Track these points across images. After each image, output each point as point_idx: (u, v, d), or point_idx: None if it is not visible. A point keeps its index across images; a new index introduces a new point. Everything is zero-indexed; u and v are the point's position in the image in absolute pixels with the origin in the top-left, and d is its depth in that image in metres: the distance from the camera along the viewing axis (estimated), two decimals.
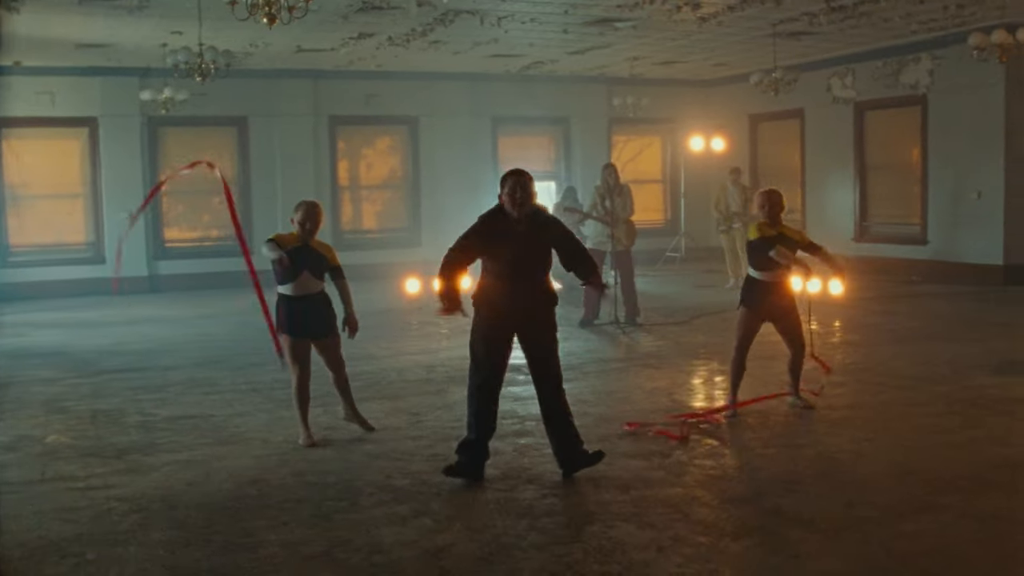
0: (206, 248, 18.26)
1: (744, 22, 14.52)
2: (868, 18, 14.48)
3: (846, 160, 18.75)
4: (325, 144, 18.96)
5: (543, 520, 5.13)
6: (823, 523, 5.06)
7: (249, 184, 18.39)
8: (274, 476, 6.08)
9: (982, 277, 15.92)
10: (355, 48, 15.99)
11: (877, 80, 17.95)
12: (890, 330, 11.53)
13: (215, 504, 5.54)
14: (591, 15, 13.87)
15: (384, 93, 19.02)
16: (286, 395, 8.39)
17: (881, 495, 5.52)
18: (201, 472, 6.21)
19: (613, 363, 9.93)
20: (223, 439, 7.05)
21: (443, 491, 5.70)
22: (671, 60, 18.42)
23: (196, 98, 16.21)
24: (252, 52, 15.58)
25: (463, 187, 19.52)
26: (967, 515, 5.15)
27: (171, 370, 9.83)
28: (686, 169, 21.52)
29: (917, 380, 8.70)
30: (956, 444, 6.58)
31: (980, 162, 16.20)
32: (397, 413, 7.70)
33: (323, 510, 5.38)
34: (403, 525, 5.11)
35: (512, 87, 19.80)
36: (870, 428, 7.05)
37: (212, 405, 8.18)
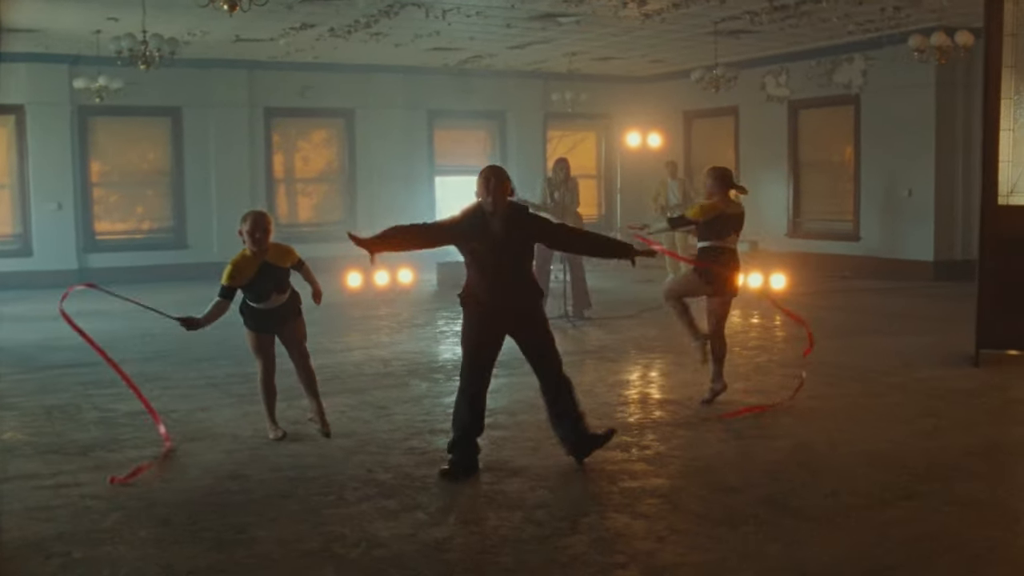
0: (139, 240, 17.85)
1: (687, 19, 14.64)
2: (808, 18, 14.71)
3: (780, 157, 19.03)
4: (260, 136, 18.69)
5: (537, 512, 5.10)
6: (813, 511, 5.11)
7: (183, 176, 18.04)
8: (251, 471, 5.95)
9: (913, 273, 16.30)
10: (294, 39, 15.78)
11: (811, 79, 18.24)
12: (833, 325, 11.71)
13: (196, 500, 5.40)
14: (536, 10, 13.87)
15: (320, 85, 18.81)
16: (247, 389, 8.28)
17: (862, 483, 5.60)
18: (174, 468, 6.06)
19: (569, 356, 9.82)
20: (190, 434, 6.88)
21: (428, 485, 5.64)
22: (609, 56, 18.51)
23: (130, 87, 15.80)
24: (190, 41, 15.26)
25: (399, 180, 19.46)
26: (951, 501, 5.25)
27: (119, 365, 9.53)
28: (622, 165, 21.65)
29: (870, 372, 8.85)
30: (923, 433, 6.71)
31: (911, 161, 16.57)
32: (364, 407, 7.59)
33: (310, 505, 5.28)
34: (395, 519, 5.03)
35: (449, 81, 19.73)
36: (837, 419, 7.15)
37: (171, 400, 7.99)
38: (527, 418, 7.20)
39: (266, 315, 6.63)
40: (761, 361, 9.42)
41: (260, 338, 6.73)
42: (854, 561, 4.48)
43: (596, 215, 22.04)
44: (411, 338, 11.10)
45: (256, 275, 6.42)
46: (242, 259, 6.42)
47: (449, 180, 20.70)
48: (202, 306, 6.58)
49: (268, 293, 6.49)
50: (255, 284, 6.42)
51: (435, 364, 9.40)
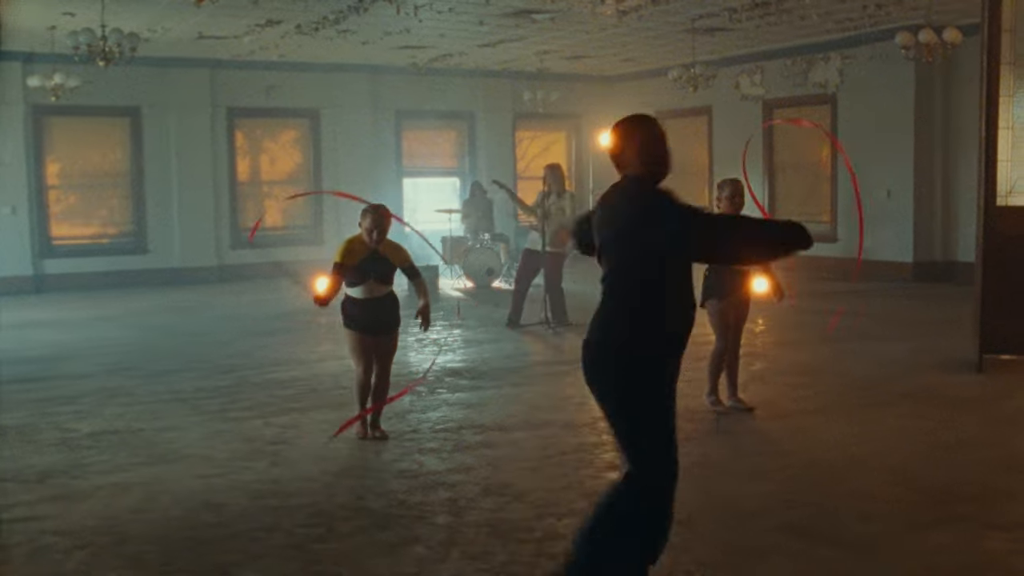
0: (98, 246, 17.16)
1: (664, 16, 14.27)
2: (788, 15, 14.39)
3: (755, 158, 18.71)
4: (223, 137, 18.06)
5: (549, 545, 4.64)
6: (846, 538, 4.70)
7: (142, 178, 17.37)
8: (229, 499, 5.44)
9: (892, 274, 16.04)
10: (259, 36, 15.21)
11: (786, 78, 17.95)
12: (822, 329, 11.36)
13: (171, 535, 4.89)
14: (511, 6, 13.43)
15: (285, 85, 18.22)
16: (218, 405, 7.80)
17: (892, 505, 5.20)
18: (143, 496, 5.53)
19: (555, 366, 9.50)
20: (158, 457, 6.35)
21: (425, 513, 5.15)
22: (580, 55, 18.12)
23: (87, 86, 15.15)
24: (150, 38, 14.67)
25: (366, 182, 18.86)
26: (992, 525, 4.86)
27: (79, 379, 8.99)
28: (593, 165, 21.27)
29: (872, 380, 8.50)
30: (944, 447, 6.34)
31: (889, 161, 16.30)
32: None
33: (297, 539, 4.79)
34: (394, 555, 4.56)
35: (417, 81, 19.22)
36: (850, 432, 6.76)
37: (136, 417, 7.43)
38: (522, 435, 6.74)
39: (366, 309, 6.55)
40: (756, 369, 9.03)
41: (361, 339, 6.67)
42: None
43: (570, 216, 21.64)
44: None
45: (363, 260, 6.51)
46: (357, 241, 6.55)
47: (418, 182, 20.21)
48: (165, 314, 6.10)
49: (367, 277, 6.51)
50: (360, 266, 6.50)
51: (416, 376, 8.92)
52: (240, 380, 8.83)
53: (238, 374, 9.10)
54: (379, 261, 6.55)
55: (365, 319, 6.61)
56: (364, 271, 6.52)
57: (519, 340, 10.94)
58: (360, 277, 6.54)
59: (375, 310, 6.62)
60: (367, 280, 6.54)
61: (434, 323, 12.28)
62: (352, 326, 6.67)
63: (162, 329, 12.11)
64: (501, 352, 10.12)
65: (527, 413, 7.41)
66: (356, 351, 6.73)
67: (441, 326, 11.96)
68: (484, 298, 14.71)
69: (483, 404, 7.77)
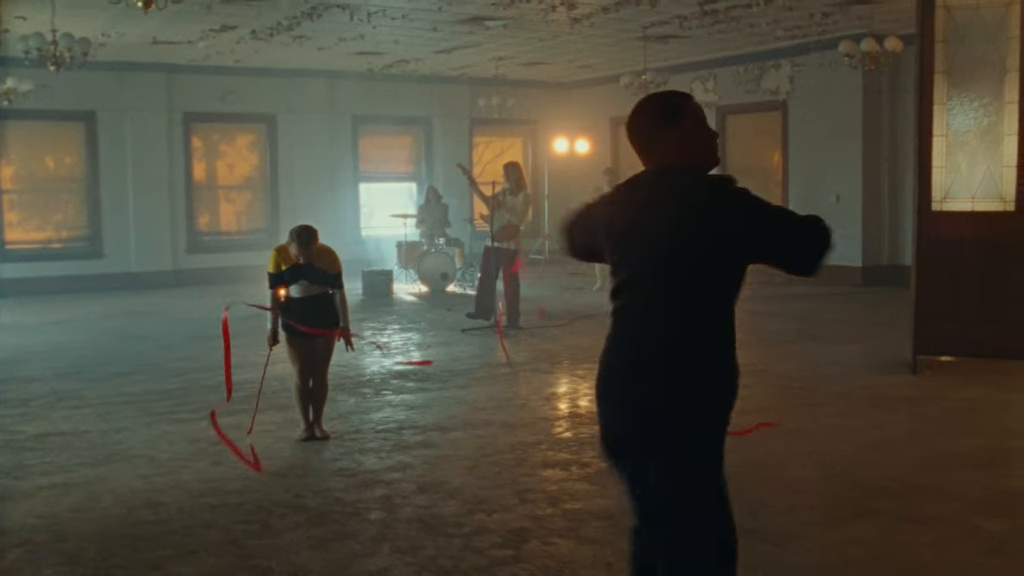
0: (54, 251, 17.12)
1: (616, 23, 14.47)
2: (737, 23, 14.63)
3: None
4: (179, 141, 18.07)
5: (476, 539, 4.79)
6: (770, 530, 4.88)
7: (98, 182, 17.35)
8: (169, 498, 5.55)
9: (842, 278, 16.32)
10: (214, 41, 15.28)
11: (739, 85, 18.22)
12: (772, 331, 11.60)
13: (109, 532, 4.99)
14: (464, 13, 13.58)
15: (241, 89, 18.28)
16: (165, 407, 7.89)
17: (818, 500, 5.40)
18: (85, 496, 5.62)
19: (502, 368, 9.64)
20: (103, 458, 6.44)
21: (360, 510, 5.30)
22: (535, 61, 18.31)
23: (41, 90, 15.13)
24: (104, 42, 14.69)
25: (323, 186, 19.01)
26: (907, 519, 5.06)
27: (29, 382, 9.04)
28: (549, 171, 21.46)
29: (812, 381, 8.73)
30: (872, 445, 6.54)
31: (839, 166, 16.60)
32: (289, 425, 7.20)
33: (233, 535, 4.91)
34: (326, 550, 4.69)
35: (374, 85, 19.35)
36: (783, 432, 6.96)
37: (84, 420, 7.51)
38: (461, 435, 6.89)
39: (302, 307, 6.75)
40: None
41: (298, 344, 6.83)
42: None
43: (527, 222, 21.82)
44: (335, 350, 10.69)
45: (294, 266, 6.70)
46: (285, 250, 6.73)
47: (374, 187, 20.31)
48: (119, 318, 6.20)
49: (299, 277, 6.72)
50: (292, 272, 6.71)
51: (362, 378, 9.04)
52: (190, 383, 8.92)
53: (188, 377, 9.19)
54: (309, 268, 6.69)
55: (300, 319, 6.72)
56: (297, 273, 6.68)
57: (470, 343, 11.07)
58: (294, 277, 6.70)
59: (311, 310, 6.74)
60: (300, 279, 6.71)
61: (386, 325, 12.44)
62: (289, 330, 6.78)
63: (115, 333, 12.15)
64: (449, 355, 10.26)
65: (468, 414, 7.56)
66: (293, 354, 6.87)
67: (392, 329, 12.08)
68: (438, 302, 14.83)
69: (427, 406, 7.91)
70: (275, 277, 6.73)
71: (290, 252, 6.67)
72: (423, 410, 7.75)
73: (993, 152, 9.59)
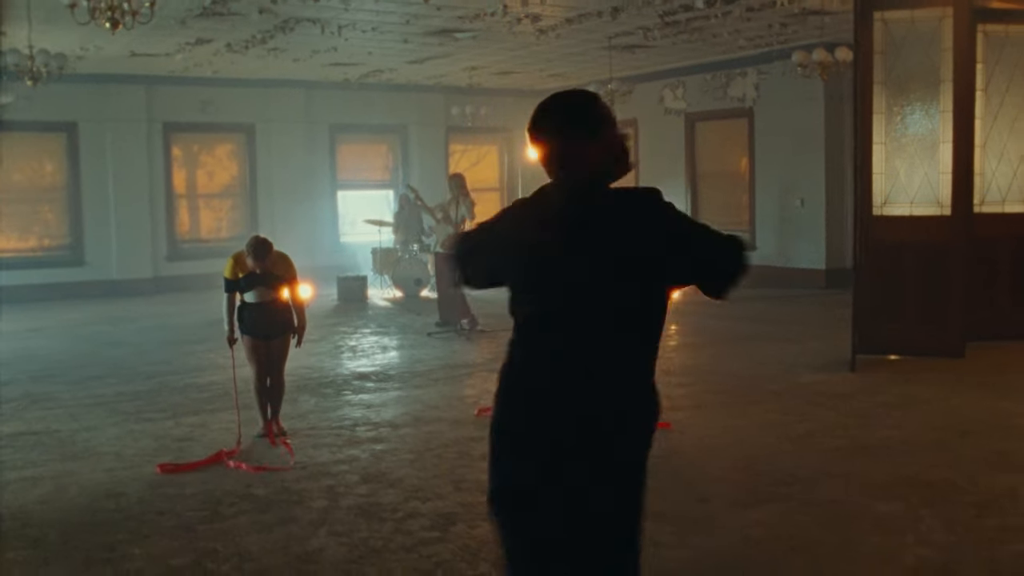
0: (35, 258, 17.50)
1: (581, 35, 14.89)
2: (699, 33, 15.06)
3: (678, 169, 19.43)
4: (159, 151, 18.46)
5: (408, 522, 5.21)
6: (680, 516, 5.30)
7: (79, 192, 17.74)
8: (130, 489, 5.97)
9: (807, 281, 16.78)
10: (191, 54, 15.67)
11: (707, 93, 18.67)
12: (725, 332, 12.04)
13: (71, 520, 5.41)
14: (432, 26, 13.99)
15: (220, 100, 18.68)
16: (134, 407, 8.29)
17: (731, 489, 5.82)
18: (52, 488, 6.03)
19: (459, 369, 10.04)
20: (72, 454, 6.85)
21: (304, 498, 5.72)
22: (508, 70, 18.72)
23: (22, 102, 15.50)
24: (83, 55, 15.09)
25: (301, 194, 19.43)
26: (810, 503, 5.49)
27: (4, 385, 9.43)
28: (522, 177, 21.86)
29: (752, 379, 9.14)
30: (793, 438, 6.97)
31: (803, 172, 17.06)
32: (249, 423, 7.55)
33: (185, 521, 5.33)
34: (269, 532, 5.11)
35: (350, 95, 19.77)
36: (714, 425, 7.39)
37: (56, 420, 7.92)
38: (410, 431, 7.31)
39: (258, 313, 7.14)
40: None
41: (254, 343, 7.22)
42: (712, 561, 4.68)
43: None
44: (303, 353, 11.08)
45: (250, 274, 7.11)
46: (242, 257, 7.10)
47: (351, 195, 20.72)
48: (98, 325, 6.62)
49: (255, 284, 7.11)
50: (247, 279, 7.10)
51: (325, 379, 9.46)
52: (160, 385, 9.32)
53: (159, 379, 9.59)
54: (264, 275, 7.09)
55: (257, 323, 7.15)
56: (253, 282, 7.09)
57: (433, 346, 11.48)
58: (251, 284, 7.11)
59: (266, 314, 7.16)
60: (257, 286, 7.11)
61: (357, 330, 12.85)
62: (245, 331, 7.20)
63: (92, 339, 12.54)
64: (412, 357, 10.68)
65: (420, 411, 7.98)
66: (251, 355, 7.28)
67: (362, 333, 12.49)
68: (411, 307, 15.23)
69: (383, 404, 8.33)
70: (231, 283, 7.14)
71: (246, 262, 7.07)
72: (379, 408, 8.16)
73: (930, 159, 10.06)
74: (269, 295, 7.17)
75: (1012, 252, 10.98)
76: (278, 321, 7.24)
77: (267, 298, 7.17)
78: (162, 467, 6.42)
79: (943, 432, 7.06)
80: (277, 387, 7.38)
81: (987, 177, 10.94)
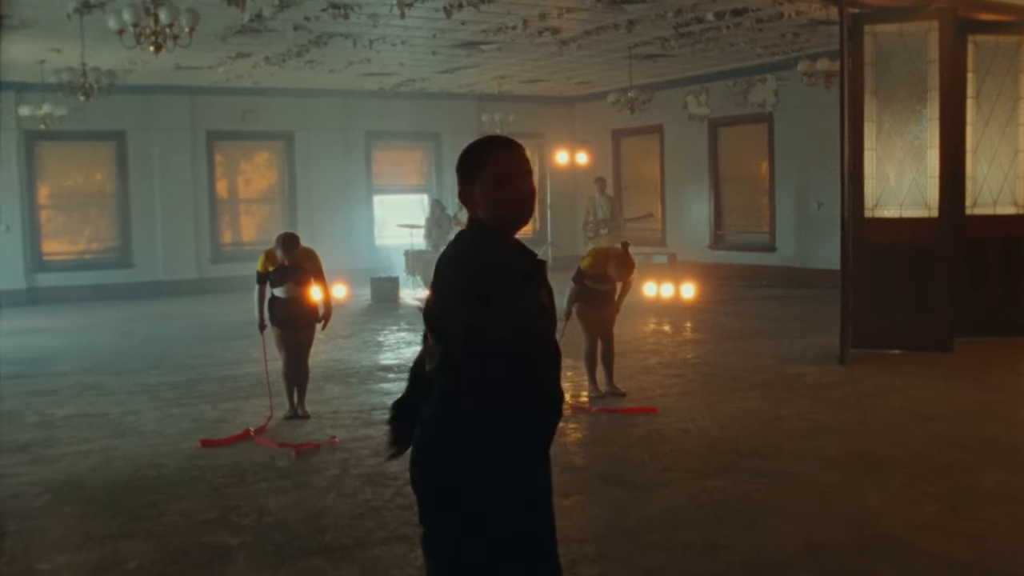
0: (86, 260, 18.54)
1: (602, 45, 15.60)
2: (715, 43, 15.71)
3: (701, 173, 20.08)
4: (203, 158, 19.44)
5: (407, 487, 5.88)
6: (643, 484, 6.04)
7: (128, 197, 18.76)
8: (169, 461, 6.81)
9: (825, 281, 17.31)
10: (232, 67, 16.59)
11: (728, 99, 19.29)
12: (733, 329, 12.70)
13: (118, 484, 6.26)
14: (458, 39, 14.78)
15: (260, 109, 19.61)
16: (174, 395, 9.14)
17: (695, 462, 6.54)
18: (101, 460, 6.89)
19: None
20: (119, 433, 7.72)
21: (320, 469, 6.52)
22: (536, 79, 19.48)
23: (75, 113, 16.50)
24: (131, 69, 16.06)
25: (338, 199, 20.32)
26: (761, 474, 6.20)
27: (61, 376, 10.36)
28: (552, 181, 22.61)
29: (743, 371, 9.82)
30: (764, 421, 7.66)
31: (820, 175, 17.61)
32: (279, 408, 8.39)
33: (215, 485, 6.16)
34: (285, 494, 5.92)
35: (385, 103, 20.61)
36: (696, 411, 8.09)
37: (105, 405, 8.80)
38: None
39: (286, 307, 7.97)
40: (649, 363, 10.36)
41: (282, 334, 8.06)
42: (663, 518, 5.41)
43: (531, 230, 23.04)
44: (334, 347, 11.92)
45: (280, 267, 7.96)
46: (273, 252, 8.00)
47: (387, 199, 21.58)
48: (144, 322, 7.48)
49: (285, 280, 7.95)
50: (278, 272, 7.96)
51: (351, 370, 10.26)
52: (199, 375, 10.19)
53: (198, 371, 10.46)
54: (293, 268, 7.94)
55: (286, 315, 7.97)
56: (283, 276, 7.92)
57: None
58: (280, 280, 7.93)
59: (294, 308, 7.98)
60: (287, 282, 7.93)
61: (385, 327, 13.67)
62: (275, 322, 8.00)
63: (139, 335, 13.46)
64: None
65: None
66: (280, 344, 8.10)
67: (390, 330, 13.31)
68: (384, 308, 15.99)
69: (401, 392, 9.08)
70: (262, 276, 8.03)
71: (276, 255, 7.89)
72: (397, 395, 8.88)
73: (918, 164, 10.70)
74: (297, 291, 7.98)
75: (1002, 252, 11.57)
76: (304, 314, 8.06)
77: (295, 294, 7.99)
78: (203, 441, 7.25)
79: (905, 416, 7.72)
80: (303, 373, 8.17)
81: (978, 181, 11.53)
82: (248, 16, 12.39)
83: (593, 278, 8.47)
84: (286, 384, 8.17)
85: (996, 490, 5.80)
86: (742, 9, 13.16)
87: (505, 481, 2.83)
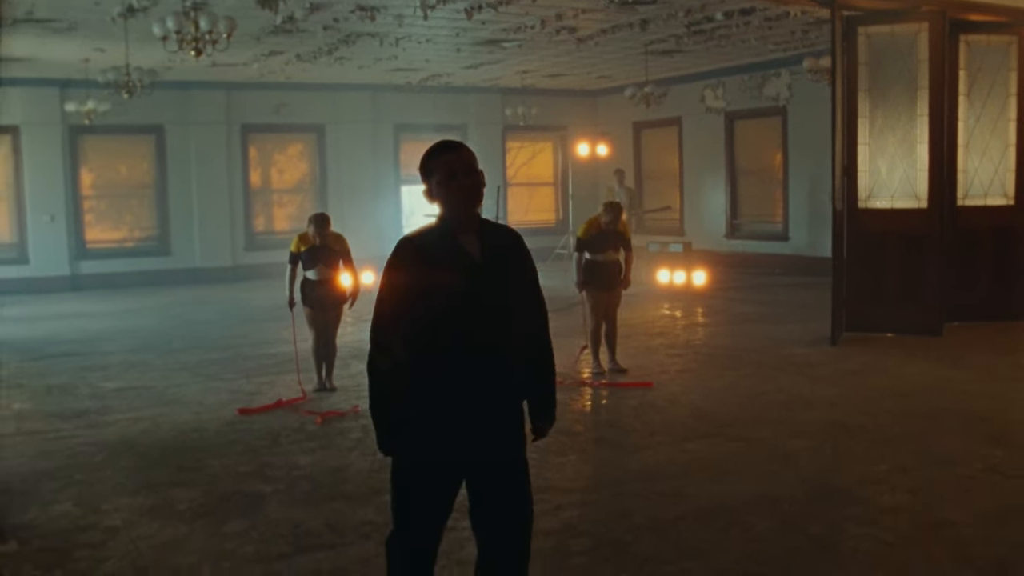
0: (127, 248, 19.48)
1: (618, 43, 16.28)
2: (728, 40, 16.35)
3: (718, 164, 20.72)
4: (237, 150, 20.31)
5: None
6: (629, 446, 6.78)
7: (166, 188, 19.66)
8: (210, 426, 7.63)
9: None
10: (266, 63, 17.41)
11: (744, 92, 19.92)
12: (739, 314, 13.38)
13: (166, 444, 7.09)
14: (480, 37, 15.51)
15: (293, 102, 20.44)
16: (213, 371, 9.97)
17: (679, 429, 7.27)
18: (150, 425, 7.73)
19: None
20: (164, 402, 8.56)
21: (344, 432, 7.32)
22: (558, 73, 20.17)
23: (116, 108, 17.37)
24: (170, 66, 16.91)
25: (367, 189, 21.14)
26: (736, 439, 6.93)
27: (108, 355, 11.22)
28: (573, 173, 23.29)
29: (740, 351, 10.53)
30: (750, 395, 8.38)
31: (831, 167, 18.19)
32: (308, 381, 9.17)
33: (251, 446, 6.97)
34: (313, 454, 6.72)
35: (413, 97, 21.38)
36: (689, 386, 8.82)
37: (151, 379, 9.65)
38: None
39: (316, 288, 8.72)
40: (654, 344, 11.08)
41: (312, 314, 8.85)
42: (641, 473, 6.15)
43: (554, 220, 23.79)
44: (362, 329, 12.67)
45: (312, 247, 8.73)
46: (306, 235, 8.79)
47: (414, 189, 22.36)
48: (183, 307, 8.30)
49: (316, 263, 8.70)
50: (310, 253, 8.71)
51: None
52: (235, 354, 11.02)
53: (234, 350, 11.29)
54: (324, 249, 8.71)
55: (316, 296, 8.75)
56: (314, 257, 8.68)
57: None
58: (312, 262, 8.70)
59: (323, 290, 8.77)
60: (317, 265, 8.69)
61: None
62: (306, 303, 8.78)
63: (179, 318, 14.33)
64: None
65: None
66: (310, 322, 8.89)
67: None
68: None
69: None
70: (294, 255, 8.81)
71: (308, 235, 8.65)
72: None
73: (908, 158, 11.33)
74: (327, 273, 8.77)
75: (993, 241, 12.19)
76: (333, 296, 8.85)
77: (325, 276, 8.78)
78: (240, 410, 8.07)
79: (882, 392, 8.41)
80: (331, 349, 8.96)
81: (970, 173, 12.16)
82: (280, 18, 13.18)
83: (591, 246, 9.20)
84: (315, 360, 8.97)
85: (945, 454, 6.49)
86: (749, 8, 13.80)
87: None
